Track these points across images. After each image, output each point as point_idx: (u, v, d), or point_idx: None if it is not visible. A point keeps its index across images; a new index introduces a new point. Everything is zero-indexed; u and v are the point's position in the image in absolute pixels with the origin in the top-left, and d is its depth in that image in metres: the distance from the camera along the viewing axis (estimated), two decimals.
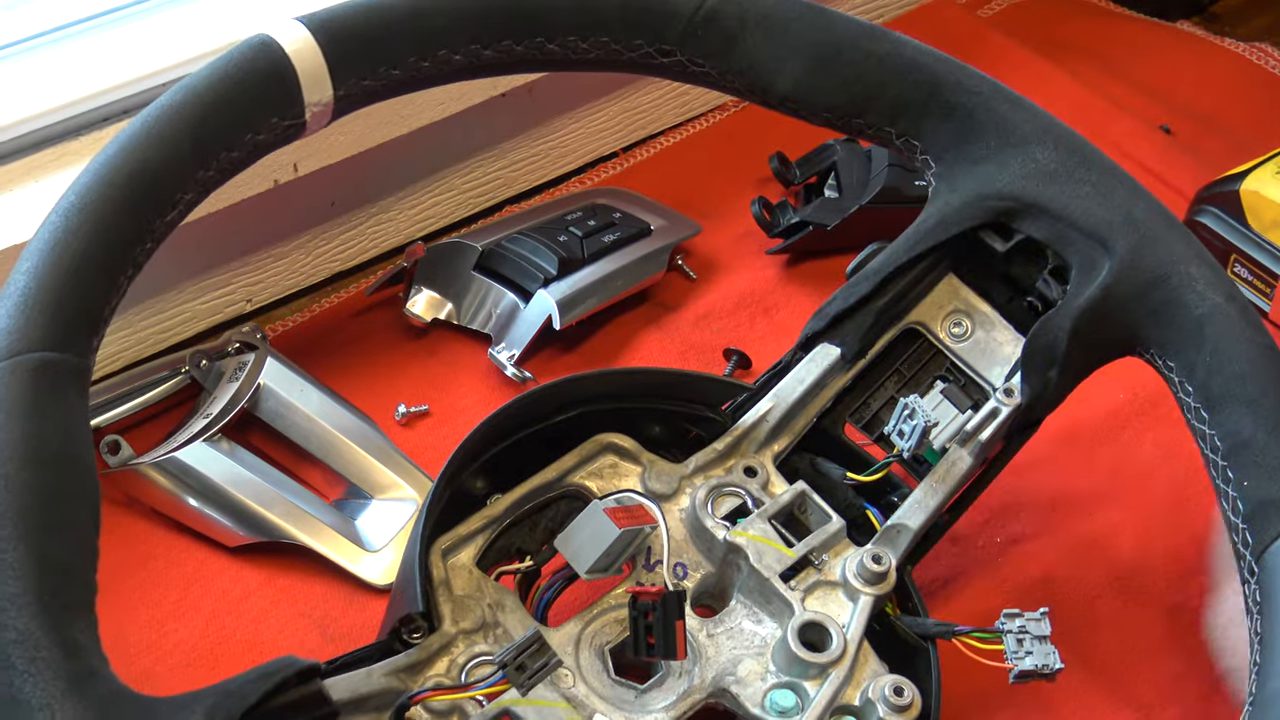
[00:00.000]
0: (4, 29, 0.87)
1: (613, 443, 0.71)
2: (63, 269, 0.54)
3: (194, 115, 0.59)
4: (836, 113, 0.70)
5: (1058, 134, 0.69)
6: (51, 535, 0.49)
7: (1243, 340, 0.63)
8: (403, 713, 0.59)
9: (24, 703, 0.46)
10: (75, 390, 0.53)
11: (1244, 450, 0.61)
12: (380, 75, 0.64)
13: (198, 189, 0.59)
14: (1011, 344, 0.72)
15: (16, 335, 0.52)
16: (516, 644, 0.60)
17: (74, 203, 0.56)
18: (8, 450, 0.50)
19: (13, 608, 0.48)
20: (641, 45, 0.68)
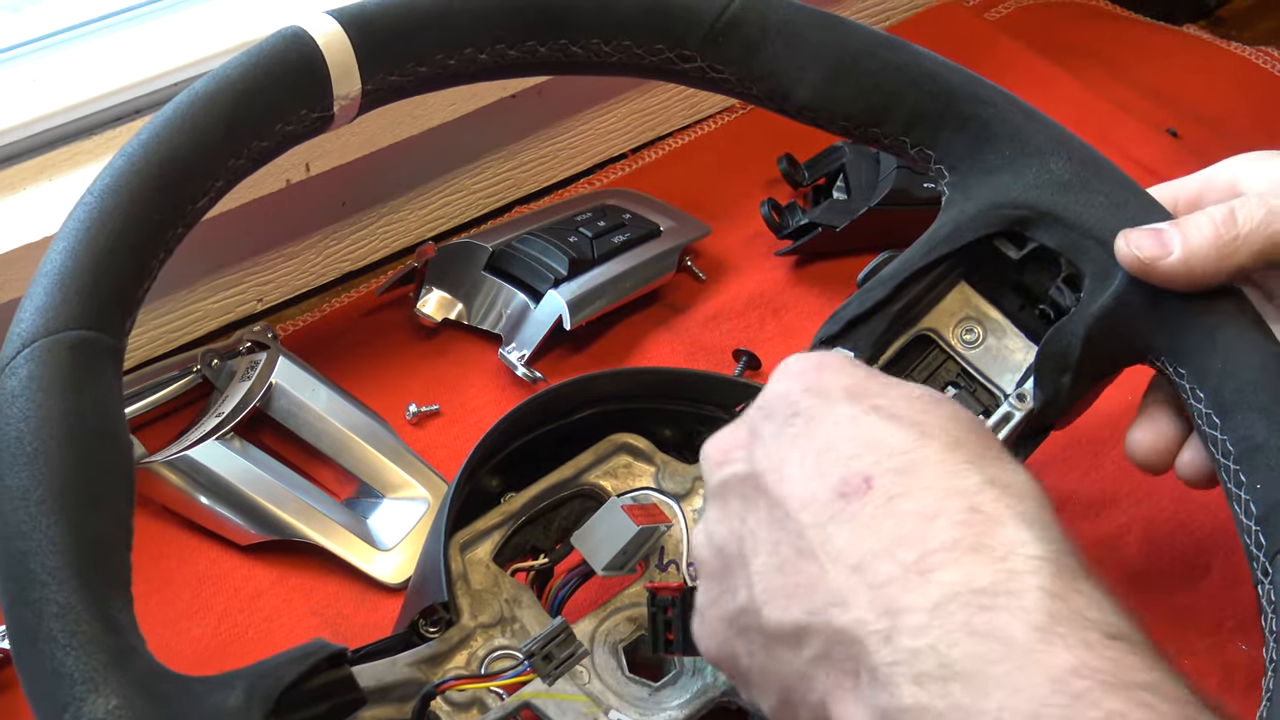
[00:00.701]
0: (9, 30, 0.87)
1: (627, 443, 0.71)
2: (98, 250, 0.54)
3: (227, 103, 0.59)
4: (854, 121, 0.70)
5: (1072, 146, 0.70)
6: (91, 512, 0.50)
7: (1254, 348, 0.64)
8: (428, 702, 0.60)
9: (66, 676, 0.46)
10: (111, 369, 0.53)
11: (1257, 455, 0.62)
12: (407, 71, 0.64)
13: (228, 176, 0.60)
14: (1022, 351, 0.72)
15: (53, 313, 0.53)
16: (543, 634, 0.60)
17: (109, 185, 0.56)
18: (47, 427, 0.50)
19: (54, 581, 0.48)
20: (662, 50, 0.68)
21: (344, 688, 0.54)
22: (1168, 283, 0.64)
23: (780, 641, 0.51)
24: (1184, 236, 0.64)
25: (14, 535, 0.49)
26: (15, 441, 0.50)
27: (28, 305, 0.54)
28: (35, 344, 0.52)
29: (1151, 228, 0.65)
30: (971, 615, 0.46)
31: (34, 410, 0.50)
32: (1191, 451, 0.67)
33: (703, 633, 0.56)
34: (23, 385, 0.51)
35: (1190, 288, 0.64)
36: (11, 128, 0.83)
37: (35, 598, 0.48)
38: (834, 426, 0.52)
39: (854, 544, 0.49)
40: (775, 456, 0.53)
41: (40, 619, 0.47)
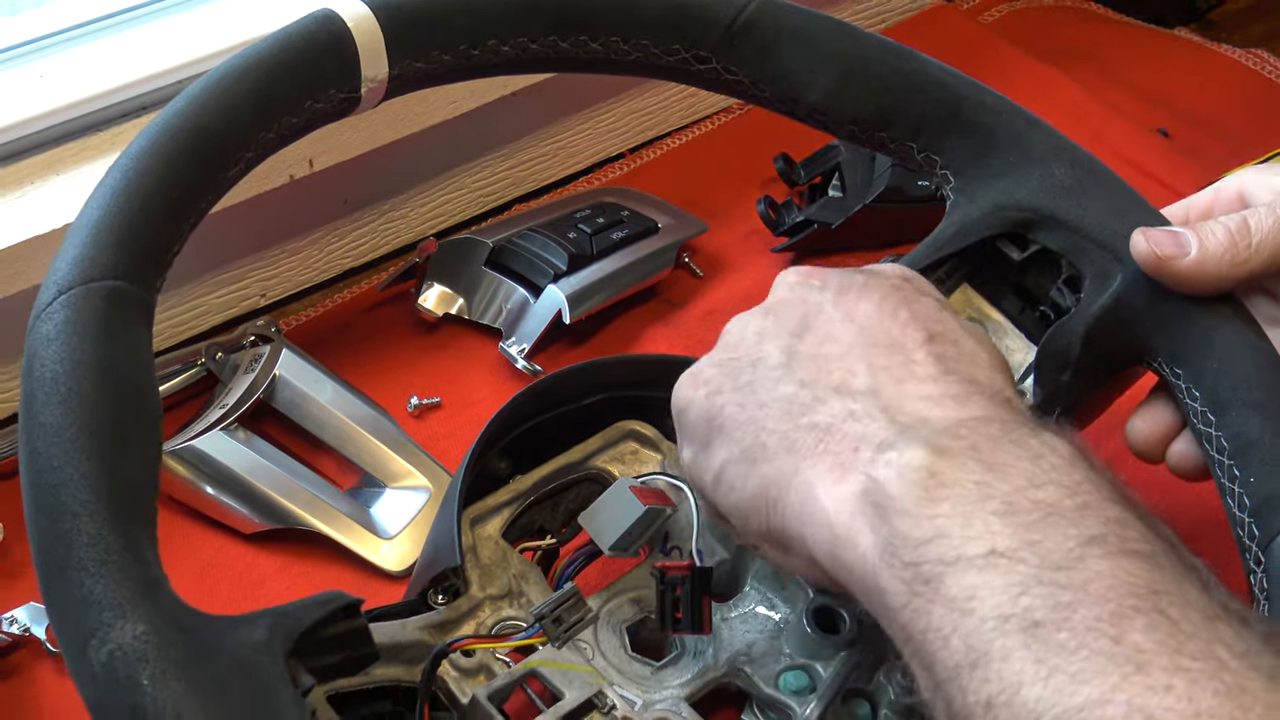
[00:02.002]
0: (10, 31, 0.88)
1: (635, 430, 0.72)
2: (133, 206, 0.55)
3: (258, 77, 0.60)
4: (862, 126, 0.72)
5: (1073, 153, 0.72)
6: (121, 451, 0.50)
7: (1248, 347, 0.66)
8: (440, 660, 0.61)
9: (95, 603, 0.47)
10: (142, 322, 0.55)
11: (1251, 450, 0.63)
12: (433, 59, 0.66)
13: (258, 148, 0.61)
14: (1022, 352, 0.74)
15: (89, 263, 0.54)
16: (554, 598, 0.62)
17: (144, 148, 0.57)
18: (82, 369, 0.51)
19: (85, 513, 0.48)
20: (679, 50, 0.70)
21: (359, 639, 0.56)
22: (1179, 283, 0.66)
23: (784, 403, 0.56)
24: (1200, 240, 0.66)
25: (47, 469, 0.50)
26: (50, 382, 0.51)
27: (64, 254, 0.55)
28: (71, 291, 0.53)
29: (1169, 229, 0.67)
30: (1005, 431, 0.51)
31: (69, 353, 0.51)
32: (1182, 444, 0.69)
33: (694, 381, 0.60)
34: (58, 329, 0.52)
35: (1200, 290, 0.66)
36: (20, 123, 0.84)
37: (66, 528, 0.48)
38: (915, 299, 0.60)
39: (903, 368, 0.55)
40: (857, 292, 0.60)
41: (70, 548, 0.48)
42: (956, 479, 0.49)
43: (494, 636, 0.64)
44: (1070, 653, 0.44)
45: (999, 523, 0.47)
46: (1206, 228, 0.66)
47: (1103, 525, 0.47)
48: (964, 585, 0.46)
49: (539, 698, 0.63)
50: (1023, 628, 0.45)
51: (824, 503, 0.53)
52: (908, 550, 0.48)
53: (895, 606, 0.49)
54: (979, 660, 0.45)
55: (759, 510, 0.56)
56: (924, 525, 0.48)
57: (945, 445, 0.50)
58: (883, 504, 0.50)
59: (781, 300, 0.61)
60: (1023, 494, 0.48)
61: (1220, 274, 0.65)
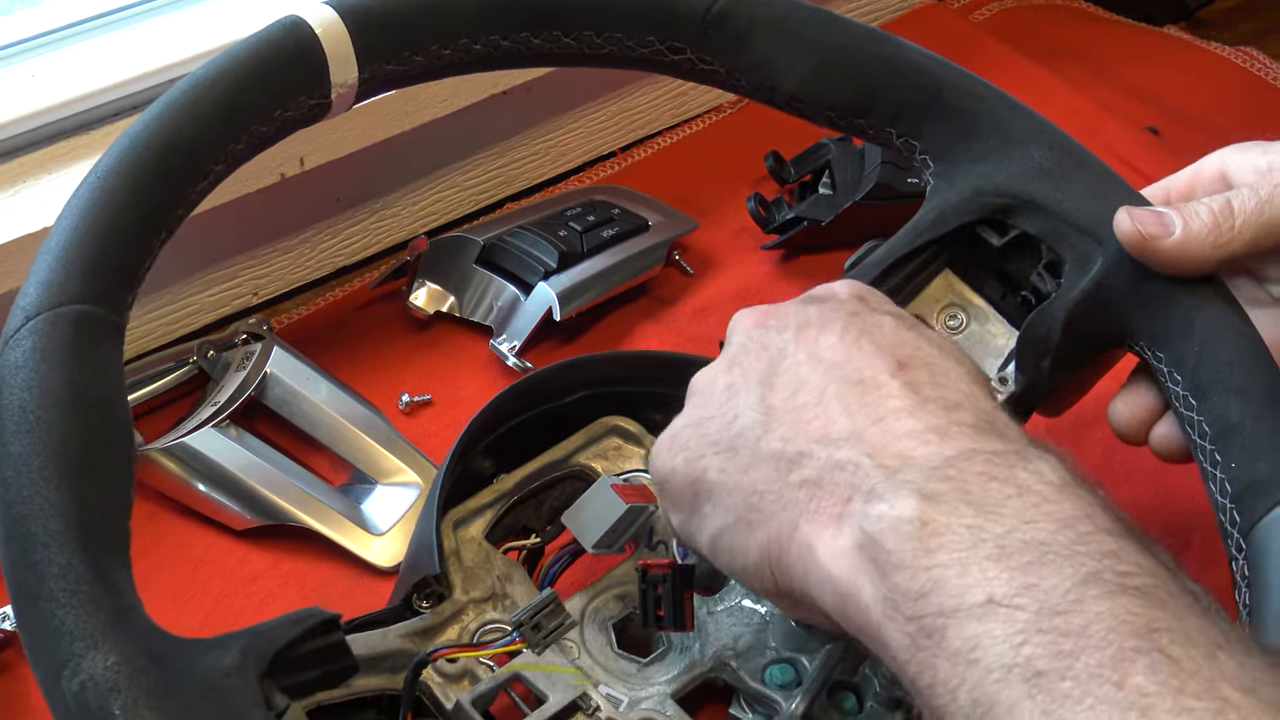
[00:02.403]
0: (3, 30, 0.89)
1: (618, 425, 0.73)
2: (101, 227, 0.56)
3: (226, 88, 0.61)
4: (840, 112, 0.72)
5: (1053, 136, 0.71)
6: (91, 479, 0.51)
7: (1230, 330, 0.65)
8: (421, 670, 0.61)
9: (66, 634, 0.48)
10: (112, 344, 0.55)
11: (1232, 434, 0.63)
12: (404, 60, 0.66)
13: (228, 160, 0.61)
14: (1005, 337, 0.74)
15: (57, 288, 0.54)
16: (532, 605, 0.62)
17: (111, 166, 0.57)
18: (50, 396, 0.51)
19: (54, 544, 0.49)
20: (653, 42, 0.70)
21: (337, 654, 0.56)
22: (1162, 263, 0.65)
23: (769, 462, 0.55)
24: (1184, 221, 0.65)
25: (16, 500, 0.50)
26: (19, 410, 0.51)
27: (32, 280, 0.55)
28: (39, 317, 0.53)
29: (1153, 209, 0.67)
30: (990, 467, 0.50)
31: (37, 380, 0.52)
32: (1164, 427, 0.69)
33: (672, 447, 0.59)
34: (26, 356, 0.52)
35: (1183, 271, 0.66)
36: (11, 122, 0.84)
37: (37, 559, 0.49)
38: (875, 324, 0.59)
39: (879, 404, 0.54)
40: (816, 327, 0.59)
41: (42, 579, 0.48)
42: (949, 525, 0.48)
43: (474, 645, 0.64)
44: (1075, 702, 0.43)
45: (994, 568, 0.47)
46: (1190, 208, 0.66)
47: (1098, 560, 0.47)
48: (965, 636, 0.46)
49: (523, 701, 0.63)
50: (1026, 678, 0.44)
51: (823, 560, 0.52)
52: (908, 604, 0.48)
53: (902, 660, 0.48)
54: (986, 714, 0.45)
55: (763, 572, 0.56)
56: (921, 577, 0.47)
57: (934, 490, 0.49)
58: (879, 559, 0.49)
59: (742, 348, 0.60)
60: (1014, 535, 0.47)
61: (1203, 254, 0.65)
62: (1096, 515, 0.49)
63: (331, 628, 0.55)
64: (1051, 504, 0.49)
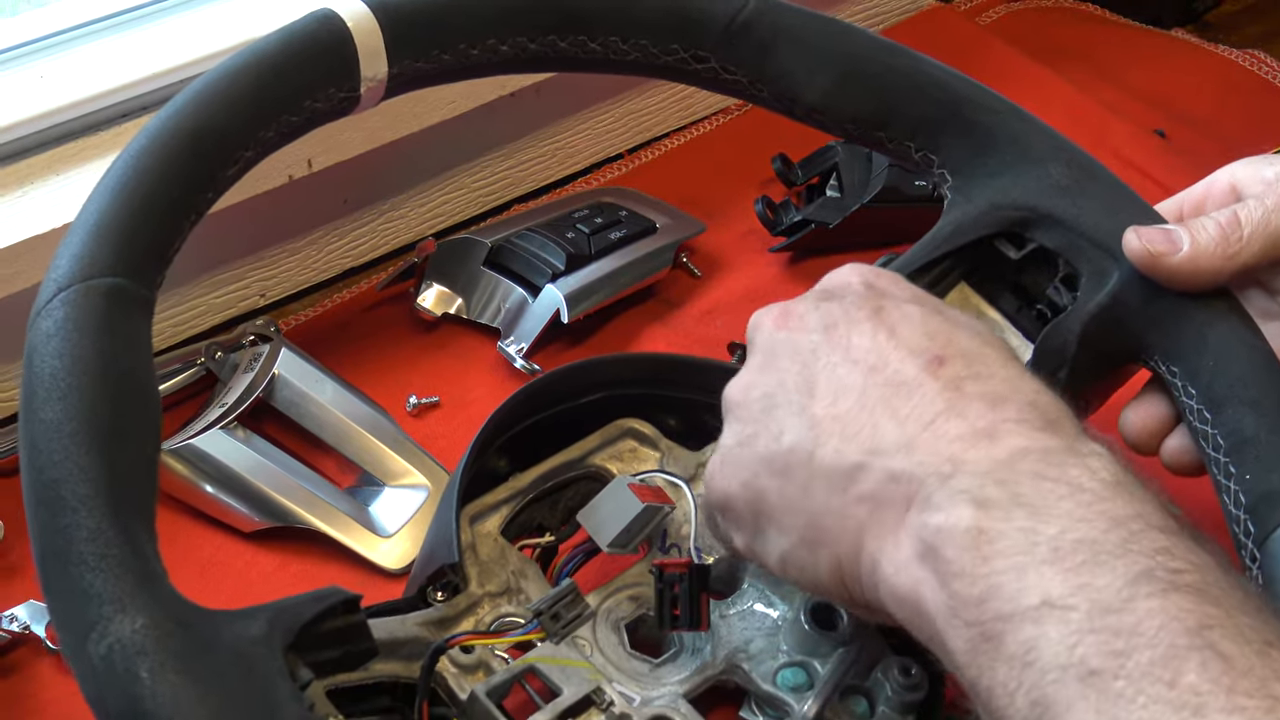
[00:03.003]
0: (7, 33, 0.89)
1: (633, 428, 0.73)
2: (134, 203, 0.56)
3: (258, 75, 0.61)
4: (860, 125, 0.72)
5: (1070, 152, 0.72)
6: (120, 446, 0.51)
7: (1244, 344, 0.66)
8: (438, 656, 0.61)
9: (94, 596, 0.48)
10: (142, 318, 0.55)
11: (1246, 447, 0.64)
12: (432, 58, 0.66)
13: (257, 147, 0.62)
14: (1020, 350, 0.74)
15: (89, 260, 0.54)
16: (552, 594, 0.62)
17: (145, 146, 0.58)
18: (82, 364, 0.52)
19: (84, 508, 0.49)
20: (678, 50, 0.70)
21: (358, 635, 0.57)
22: (1172, 279, 0.66)
23: (825, 479, 0.55)
24: (1192, 236, 0.66)
25: (47, 465, 0.50)
26: (50, 378, 0.52)
27: (64, 252, 0.55)
28: (71, 288, 0.53)
29: (1161, 227, 0.67)
30: (1042, 465, 0.50)
31: (68, 349, 0.52)
32: (1176, 440, 0.69)
33: (725, 471, 0.59)
34: (58, 326, 0.53)
35: (1194, 286, 0.66)
36: (21, 122, 0.84)
37: (66, 523, 0.49)
38: (903, 316, 0.58)
39: (925, 406, 0.54)
40: (844, 326, 0.58)
41: (70, 542, 0.49)
42: (1003, 531, 0.49)
43: (491, 633, 0.64)
44: (1129, 701, 0.44)
45: (1049, 570, 0.47)
46: (1197, 223, 0.67)
47: (1149, 558, 0.47)
48: (1022, 640, 0.46)
49: (537, 694, 0.64)
50: (1080, 677, 0.45)
51: (888, 572, 0.53)
52: (967, 610, 0.48)
53: (963, 664, 0.49)
54: (1043, 715, 0.45)
55: (836, 586, 0.56)
56: (979, 584, 0.48)
57: (988, 496, 0.50)
58: (938, 568, 0.50)
59: (770, 352, 0.60)
60: (1067, 535, 0.48)
61: (1213, 268, 0.66)
62: (1149, 513, 0.49)
63: (353, 607, 0.55)
64: (1104, 502, 0.49)
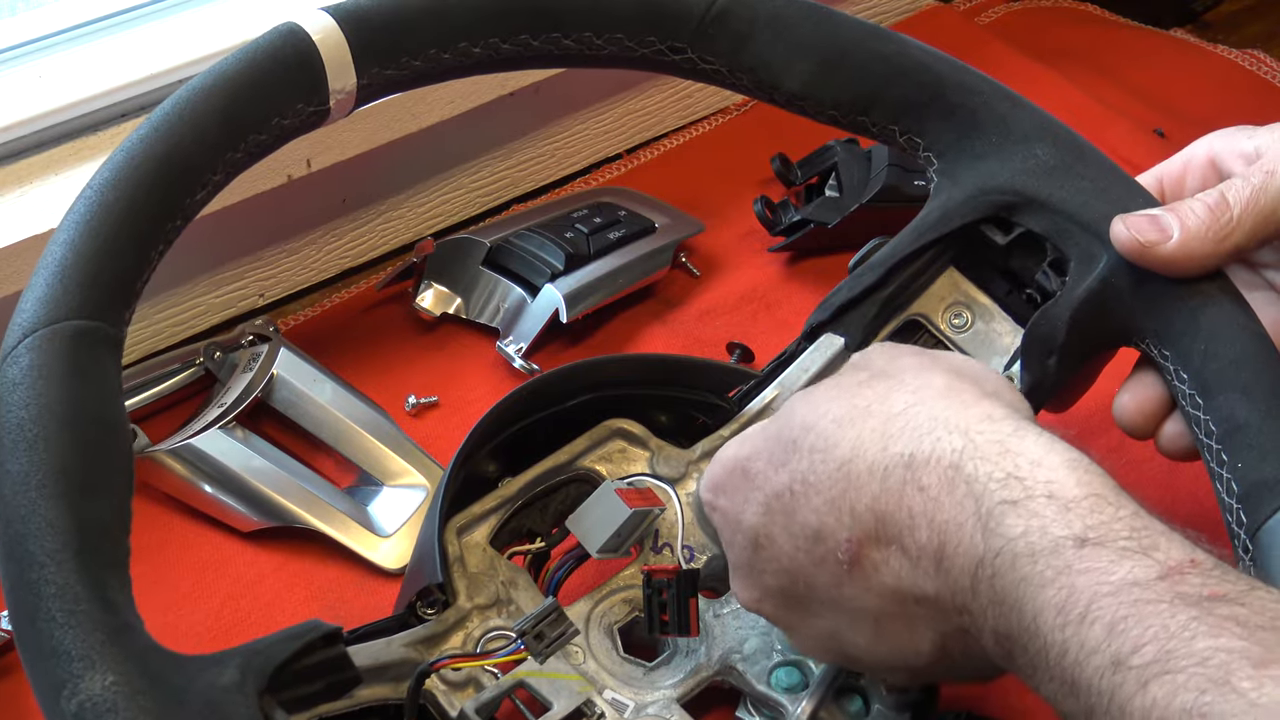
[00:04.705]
0: (6, 33, 0.89)
1: (622, 428, 0.73)
2: (98, 242, 0.56)
3: (224, 97, 0.61)
4: (842, 110, 0.72)
5: (1056, 132, 0.71)
6: (89, 496, 0.51)
7: (1236, 328, 0.65)
8: (423, 680, 0.61)
9: (64, 653, 0.48)
10: (110, 358, 0.55)
11: (1238, 434, 0.63)
12: (402, 65, 0.66)
13: (226, 169, 0.61)
14: (1010, 335, 0.74)
15: (54, 303, 0.54)
16: (534, 614, 0.62)
17: (108, 179, 0.57)
18: (48, 414, 0.51)
19: (52, 563, 0.49)
20: (654, 42, 0.69)
21: (339, 666, 0.56)
22: (1165, 267, 0.65)
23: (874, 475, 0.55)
24: (1181, 221, 0.65)
25: (14, 519, 0.50)
26: (16, 428, 0.51)
27: (29, 296, 0.55)
28: (36, 333, 0.53)
29: (1148, 213, 0.66)
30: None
31: (35, 398, 0.52)
32: (1173, 425, 0.68)
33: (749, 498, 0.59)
34: (24, 373, 0.52)
35: (1187, 272, 0.65)
36: (18, 123, 0.85)
37: (34, 578, 0.49)
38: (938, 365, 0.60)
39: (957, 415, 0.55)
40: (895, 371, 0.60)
41: (39, 599, 0.48)
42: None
43: (476, 655, 0.64)
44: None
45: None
46: (1184, 207, 0.65)
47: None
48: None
49: (527, 708, 0.63)
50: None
51: None
52: None
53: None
54: None
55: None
56: None
57: None
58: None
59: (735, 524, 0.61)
60: None
61: (1205, 251, 0.65)
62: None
63: (333, 641, 0.55)
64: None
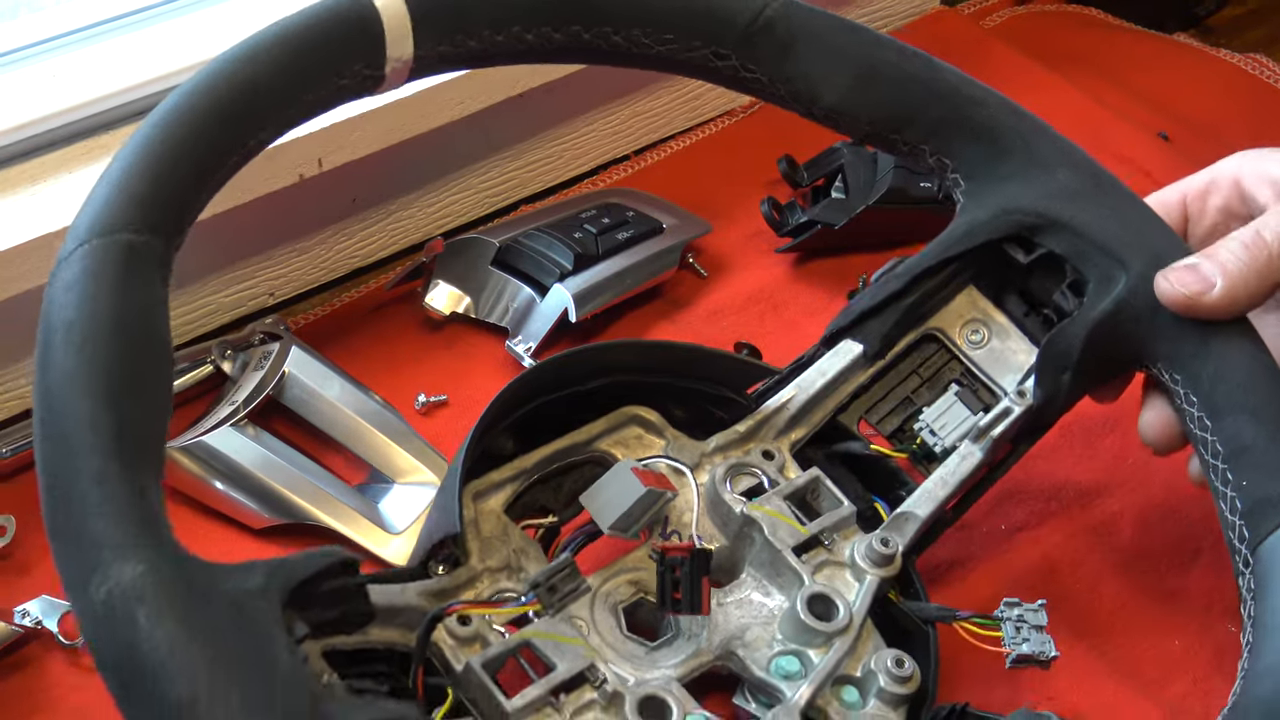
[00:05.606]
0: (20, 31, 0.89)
1: (639, 415, 0.73)
2: (159, 162, 0.57)
3: (288, 49, 0.62)
4: (876, 127, 0.73)
5: (1079, 159, 0.73)
6: (132, 399, 0.52)
7: (1244, 354, 0.67)
8: (434, 624, 0.62)
9: (96, 540, 0.48)
10: (160, 276, 0.56)
11: (1244, 454, 0.65)
12: (457, 43, 0.67)
13: (280, 121, 0.62)
14: (1025, 354, 0.75)
15: (110, 214, 0.55)
16: (549, 568, 0.63)
17: (175, 104, 0.59)
18: (98, 318, 0.52)
19: (91, 454, 0.50)
20: (700, 47, 0.71)
21: (355, 596, 0.58)
22: (1212, 314, 0.66)
23: None
24: (1222, 267, 0.66)
25: (58, 411, 0.51)
26: (65, 327, 0.52)
27: (88, 205, 0.56)
28: (91, 241, 0.54)
29: (1188, 263, 0.67)
30: None
31: (85, 300, 0.53)
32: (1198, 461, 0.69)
33: None
34: (76, 277, 0.54)
35: (1233, 316, 0.66)
36: (31, 121, 0.85)
37: (74, 466, 0.50)
38: None
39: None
40: None
41: (76, 486, 0.49)
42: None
43: (488, 602, 0.65)
44: None
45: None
46: (1223, 249, 0.66)
47: None
48: None
49: (532, 668, 0.64)
50: None
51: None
52: None
53: None
54: None
55: None
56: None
57: None
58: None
59: None
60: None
61: (1250, 293, 0.66)
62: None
63: (352, 569, 0.56)
64: None
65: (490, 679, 0.62)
